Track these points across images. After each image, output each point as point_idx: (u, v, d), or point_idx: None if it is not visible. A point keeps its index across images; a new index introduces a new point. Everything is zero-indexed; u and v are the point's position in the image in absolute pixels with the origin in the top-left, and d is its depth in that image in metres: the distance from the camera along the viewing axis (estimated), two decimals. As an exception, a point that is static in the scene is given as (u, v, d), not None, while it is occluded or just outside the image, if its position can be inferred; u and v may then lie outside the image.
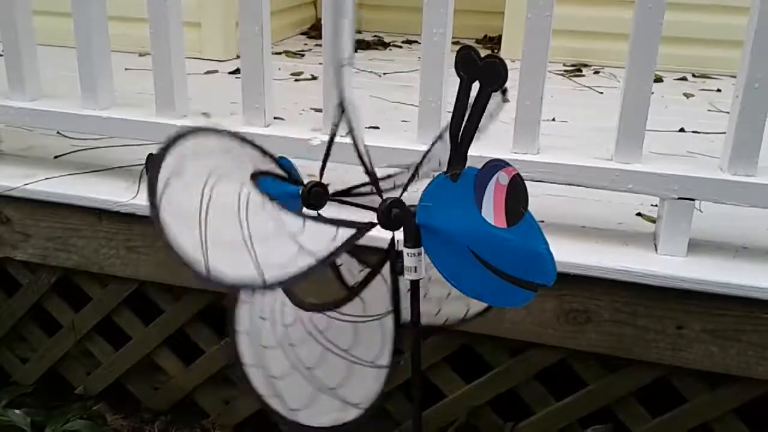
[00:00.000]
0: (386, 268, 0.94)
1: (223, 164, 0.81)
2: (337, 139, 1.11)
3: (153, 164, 0.75)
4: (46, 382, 1.71)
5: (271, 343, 0.87)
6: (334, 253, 0.80)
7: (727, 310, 1.23)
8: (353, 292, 0.92)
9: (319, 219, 0.85)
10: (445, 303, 1.03)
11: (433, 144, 0.92)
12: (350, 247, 0.82)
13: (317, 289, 0.96)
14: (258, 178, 0.86)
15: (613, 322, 1.28)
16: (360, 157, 0.91)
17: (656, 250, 1.28)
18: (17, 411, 1.55)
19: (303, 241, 0.79)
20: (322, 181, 0.97)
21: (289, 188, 0.94)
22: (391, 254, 0.91)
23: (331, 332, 0.89)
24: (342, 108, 0.92)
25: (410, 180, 0.91)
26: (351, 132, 0.92)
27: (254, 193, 0.81)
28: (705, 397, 1.31)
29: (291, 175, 0.96)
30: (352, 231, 0.83)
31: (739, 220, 1.37)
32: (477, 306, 1.06)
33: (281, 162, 0.96)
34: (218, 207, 0.76)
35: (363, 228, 0.83)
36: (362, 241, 1.13)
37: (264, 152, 0.91)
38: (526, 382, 1.40)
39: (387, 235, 0.92)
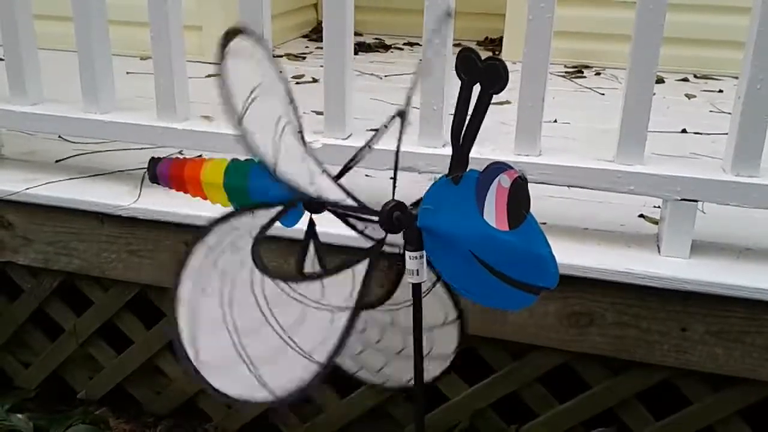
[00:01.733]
0: (360, 269, 0.92)
1: (271, 86, 0.88)
2: (336, 142, 1.12)
3: (224, 36, 0.84)
4: (48, 387, 1.71)
5: (212, 291, 0.85)
6: (332, 204, 0.88)
7: (731, 312, 1.22)
8: (319, 274, 0.91)
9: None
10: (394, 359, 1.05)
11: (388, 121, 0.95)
12: (346, 212, 0.88)
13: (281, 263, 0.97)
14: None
15: (616, 325, 1.27)
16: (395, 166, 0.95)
17: (659, 251, 1.28)
18: (20, 416, 1.55)
19: (316, 179, 0.86)
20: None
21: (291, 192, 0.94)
22: (372, 254, 0.90)
23: (277, 305, 0.86)
24: (402, 116, 0.96)
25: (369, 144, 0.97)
26: (399, 140, 0.96)
27: (291, 127, 0.88)
28: (709, 399, 1.31)
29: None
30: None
31: (743, 221, 1.37)
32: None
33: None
34: (264, 104, 0.85)
35: (365, 209, 0.85)
36: (349, 242, 1.12)
37: (291, 98, 0.95)
38: (529, 385, 1.39)
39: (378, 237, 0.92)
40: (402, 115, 0.95)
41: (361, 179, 1.45)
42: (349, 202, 0.88)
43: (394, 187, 0.94)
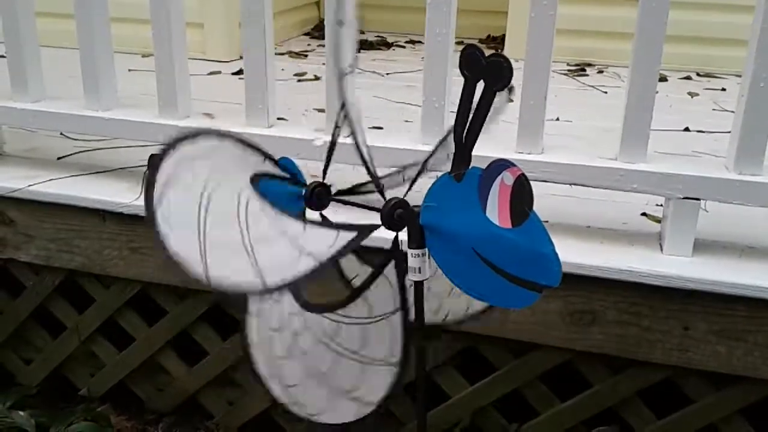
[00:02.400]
0: (390, 268, 0.94)
1: (221, 168, 0.81)
2: (340, 139, 1.10)
3: (150, 168, 0.74)
4: (50, 384, 1.71)
5: (283, 353, 0.87)
6: (335, 256, 0.80)
7: (734, 311, 1.22)
8: (356, 293, 0.92)
9: (320, 223, 0.85)
10: (447, 300, 1.03)
11: (441, 141, 0.92)
12: (352, 250, 0.82)
13: (322, 292, 0.96)
14: (259, 180, 0.85)
15: (618, 323, 1.27)
16: (362, 159, 0.91)
17: (661, 250, 1.28)
18: (21, 413, 1.55)
19: (304, 245, 0.79)
20: (325, 181, 0.97)
21: (291, 189, 0.94)
22: (395, 254, 0.91)
23: (340, 336, 0.90)
24: (344, 111, 0.91)
25: (418, 174, 0.91)
26: (353, 135, 0.91)
27: (254, 197, 0.81)
28: (711, 398, 1.31)
29: (294, 176, 0.96)
30: (354, 233, 0.82)
31: (745, 219, 1.37)
32: (478, 304, 1.06)
33: (283, 163, 0.95)
34: (217, 213, 0.76)
35: (365, 230, 0.83)
36: (365, 242, 1.13)
37: (265, 155, 0.90)
38: (531, 384, 1.39)
39: (390, 234, 0.92)
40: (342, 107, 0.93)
41: (363, 177, 1.45)
42: (343, 235, 0.84)
43: (325, 173, 0.94)
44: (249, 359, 0.86)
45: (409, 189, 0.91)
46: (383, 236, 0.90)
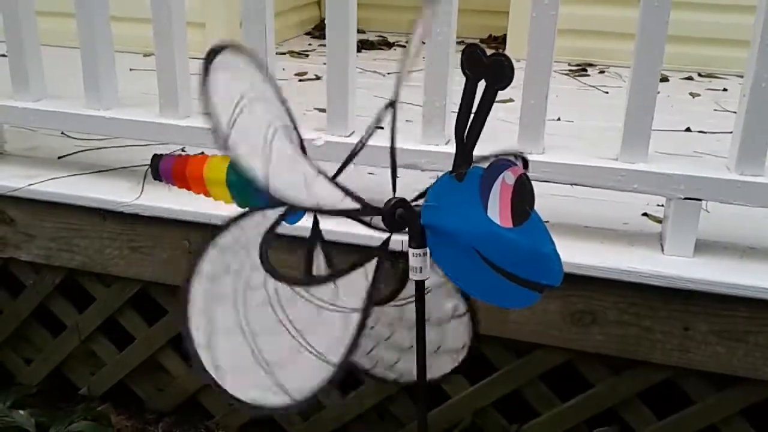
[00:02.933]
0: (370, 268, 0.92)
1: (253, 88, 0.87)
2: (341, 139, 1.11)
3: (207, 56, 0.84)
4: (50, 383, 1.71)
5: (226, 295, 0.84)
6: (331, 211, 0.86)
7: (734, 311, 1.22)
8: (332, 276, 0.90)
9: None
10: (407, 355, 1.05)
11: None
12: (348, 216, 0.87)
13: (291, 265, 0.96)
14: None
15: (618, 323, 1.27)
16: (393, 162, 0.93)
17: (662, 250, 1.27)
18: (22, 412, 1.55)
19: (312, 186, 0.85)
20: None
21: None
22: (380, 254, 0.90)
23: (293, 308, 0.86)
24: (393, 110, 0.94)
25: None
26: (392, 136, 0.93)
27: (281, 133, 0.86)
28: (711, 398, 1.30)
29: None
30: (357, 205, 0.85)
31: (747, 220, 1.36)
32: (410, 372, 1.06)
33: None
34: (251, 116, 0.83)
35: (367, 209, 0.85)
36: (357, 239, 1.12)
37: (281, 98, 0.94)
38: (531, 384, 1.39)
39: (383, 234, 0.91)
40: (392, 104, 0.94)
41: (364, 177, 1.45)
42: (348, 201, 0.87)
43: (395, 183, 0.94)
44: (188, 284, 0.83)
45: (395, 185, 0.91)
46: (378, 235, 0.90)
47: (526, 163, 0.96)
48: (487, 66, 0.80)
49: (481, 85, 0.82)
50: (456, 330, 1.06)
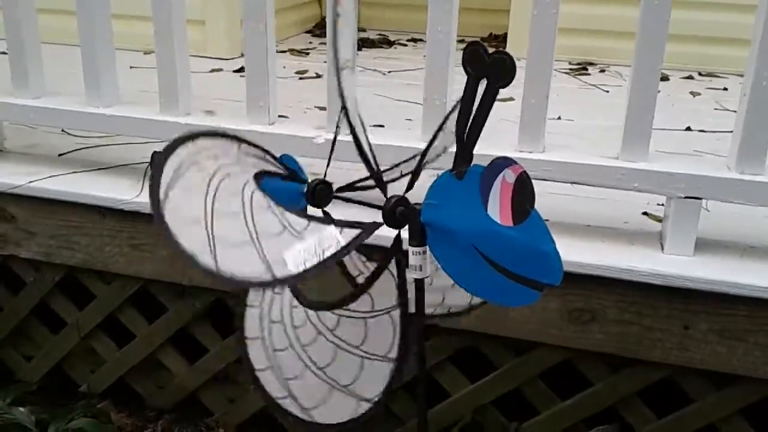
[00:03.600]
0: (392, 263, 0.94)
1: (225, 166, 0.81)
2: (342, 137, 1.10)
3: (154, 167, 0.74)
4: (50, 380, 1.71)
5: (282, 346, 0.87)
6: (339, 253, 0.80)
7: (735, 310, 1.22)
8: (360, 289, 0.92)
9: (324, 220, 0.85)
10: (449, 292, 1.03)
11: (434, 136, 0.92)
12: (356, 247, 0.82)
13: (324, 287, 0.96)
14: (262, 178, 0.86)
15: (618, 322, 1.27)
16: (362, 156, 0.91)
17: (662, 249, 1.27)
18: (22, 409, 1.55)
19: (309, 240, 0.79)
20: (327, 179, 0.96)
21: (293, 186, 0.94)
22: (396, 251, 0.91)
23: (341, 330, 0.90)
24: (344, 109, 0.91)
25: (416, 172, 0.91)
26: (352, 132, 0.91)
27: (258, 193, 0.81)
28: (711, 397, 1.31)
29: (294, 173, 0.96)
30: (357, 231, 0.82)
31: (747, 219, 1.36)
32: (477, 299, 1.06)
33: (284, 161, 0.95)
34: (223, 207, 0.76)
35: (368, 229, 0.83)
36: (368, 240, 1.12)
37: (266, 152, 0.90)
38: (531, 382, 1.39)
39: (392, 232, 0.92)
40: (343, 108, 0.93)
41: (362, 175, 1.45)
42: (348, 232, 0.85)
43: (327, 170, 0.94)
44: (245, 353, 0.86)
45: (411, 186, 0.90)
46: (387, 234, 0.90)
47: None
48: (488, 64, 0.80)
49: (483, 83, 0.82)
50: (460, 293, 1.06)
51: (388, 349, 0.91)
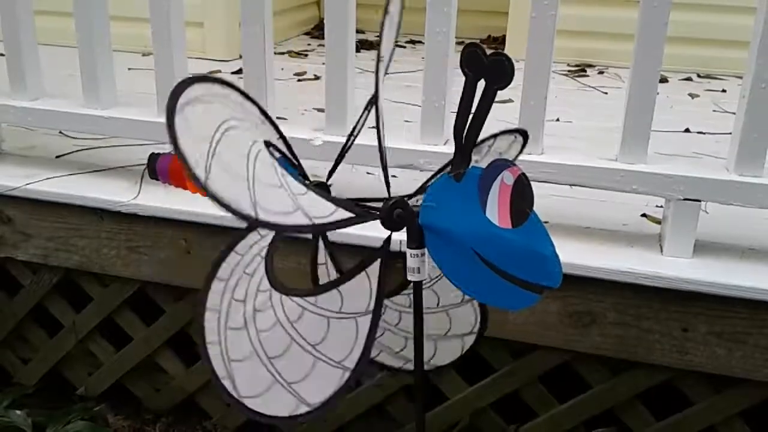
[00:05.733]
0: (373, 268, 0.92)
1: (235, 112, 0.81)
2: (333, 138, 1.10)
3: (172, 93, 0.76)
4: (47, 383, 1.70)
5: (237, 325, 0.85)
6: (328, 225, 0.81)
7: (734, 313, 1.21)
8: (334, 283, 0.90)
9: (322, 193, 0.85)
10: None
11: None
12: (345, 226, 0.83)
13: (297, 279, 0.96)
14: (269, 147, 0.86)
15: (617, 324, 1.27)
16: (382, 160, 0.91)
17: (661, 251, 1.27)
18: (18, 412, 1.54)
19: (302, 204, 0.80)
20: (324, 180, 0.96)
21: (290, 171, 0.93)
22: (383, 254, 0.89)
23: (302, 324, 0.86)
24: (374, 102, 0.92)
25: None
26: (378, 132, 0.91)
27: (265, 152, 0.82)
28: (710, 400, 1.30)
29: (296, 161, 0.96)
30: (351, 215, 0.82)
31: (746, 221, 1.36)
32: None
33: (282, 166, 0.94)
34: (230, 143, 0.77)
35: (361, 216, 0.83)
36: (356, 240, 1.12)
37: (265, 114, 0.90)
38: (530, 385, 1.39)
39: (383, 234, 0.91)
40: (374, 101, 0.93)
41: (362, 177, 1.45)
42: (342, 212, 0.85)
43: (332, 172, 0.94)
44: (200, 321, 0.83)
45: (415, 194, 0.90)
46: (376, 235, 0.90)
47: (525, 138, 0.95)
48: (487, 65, 0.80)
49: (481, 84, 0.82)
50: (464, 314, 1.06)
51: (344, 357, 0.88)
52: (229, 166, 0.76)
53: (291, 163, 0.95)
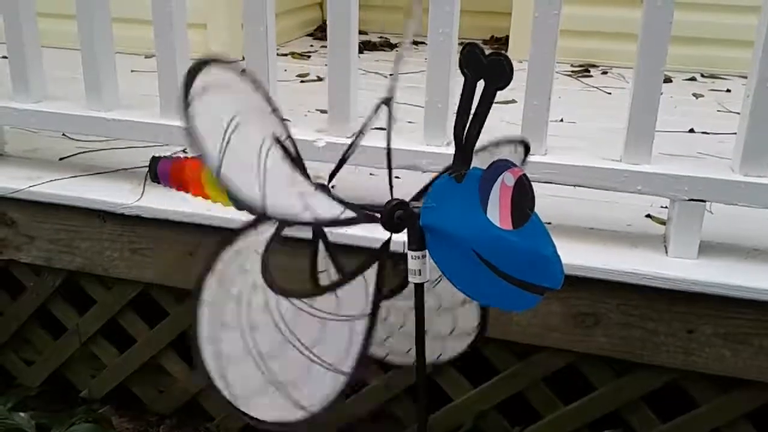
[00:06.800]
0: (370, 272, 0.91)
1: (246, 107, 0.83)
2: (336, 140, 1.10)
3: (187, 77, 0.77)
4: (51, 385, 1.70)
5: (231, 322, 0.84)
6: (333, 222, 0.82)
7: (739, 314, 1.21)
8: (331, 286, 0.90)
9: (330, 194, 0.85)
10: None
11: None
12: (346, 225, 0.84)
13: (295, 280, 0.95)
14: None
15: (622, 325, 1.26)
16: (389, 162, 0.91)
17: (666, 252, 1.26)
18: (22, 414, 1.55)
19: (310, 203, 0.81)
20: (323, 181, 0.95)
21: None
22: (381, 257, 0.89)
23: (297, 324, 0.85)
24: (387, 104, 0.92)
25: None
26: (388, 135, 0.91)
27: (276, 149, 0.83)
28: (716, 401, 1.29)
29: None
30: (353, 214, 0.83)
31: (751, 221, 1.35)
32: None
33: None
34: (242, 137, 0.78)
35: (362, 217, 0.83)
36: (356, 241, 1.11)
37: (272, 106, 0.90)
38: (534, 386, 1.38)
39: (383, 236, 0.90)
40: (388, 102, 0.93)
41: (365, 178, 1.44)
42: (347, 212, 0.86)
43: (335, 173, 0.94)
44: (194, 315, 0.82)
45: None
46: (375, 237, 0.89)
47: (527, 148, 0.95)
48: (485, 65, 0.79)
49: (480, 85, 0.81)
50: (467, 312, 1.05)
51: (338, 360, 0.87)
52: (242, 155, 0.78)
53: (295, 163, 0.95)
